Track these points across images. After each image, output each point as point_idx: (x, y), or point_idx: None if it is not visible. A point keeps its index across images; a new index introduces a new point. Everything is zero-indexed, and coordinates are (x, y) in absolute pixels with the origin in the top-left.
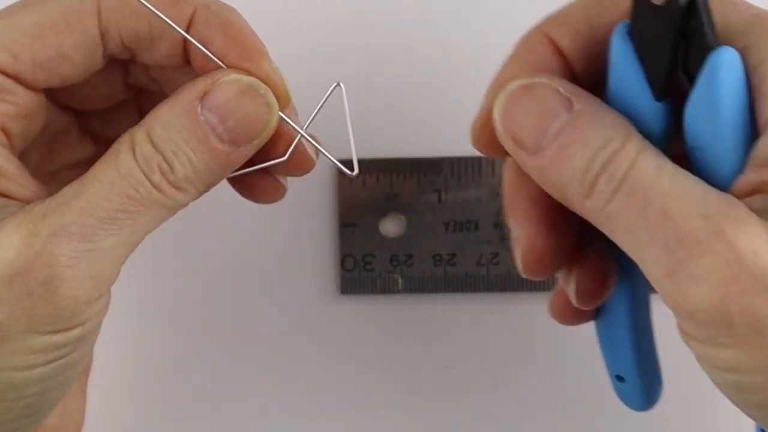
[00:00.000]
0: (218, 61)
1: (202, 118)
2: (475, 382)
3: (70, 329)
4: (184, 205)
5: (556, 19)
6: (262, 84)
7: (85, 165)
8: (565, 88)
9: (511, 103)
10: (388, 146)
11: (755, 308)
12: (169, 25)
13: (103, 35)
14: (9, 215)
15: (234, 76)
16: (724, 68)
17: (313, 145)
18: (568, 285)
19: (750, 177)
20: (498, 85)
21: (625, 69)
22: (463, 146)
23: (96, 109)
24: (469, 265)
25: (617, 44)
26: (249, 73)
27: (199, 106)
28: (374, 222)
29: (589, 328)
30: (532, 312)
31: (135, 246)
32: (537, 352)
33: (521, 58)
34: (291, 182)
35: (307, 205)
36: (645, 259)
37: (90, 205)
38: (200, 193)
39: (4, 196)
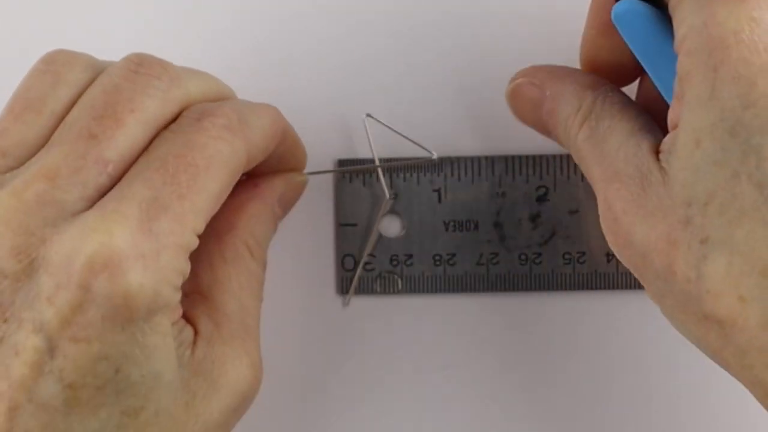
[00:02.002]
0: None
1: (276, 210)
2: (475, 382)
3: None
4: None
5: None
6: (306, 176)
7: None
8: (539, 79)
9: (511, 101)
10: (388, 146)
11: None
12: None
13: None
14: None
15: (301, 178)
16: (620, 19)
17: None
18: None
19: (670, 111)
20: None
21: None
22: (464, 146)
23: None
24: (469, 265)
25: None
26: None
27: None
28: (374, 222)
29: (589, 329)
30: (532, 312)
31: None
32: (537, 352)
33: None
34: None
35: (306, 204)
36: None
37: (256, 305)
38: None
39: None
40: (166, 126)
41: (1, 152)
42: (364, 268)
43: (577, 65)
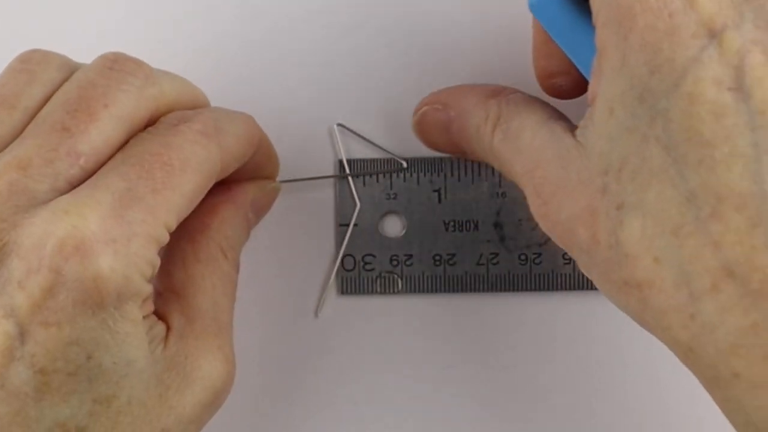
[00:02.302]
0: None
1: (249, 215)
2: (475, 382)
3: None
4: None
5: None
6: (279, 184)
7: None
8: (441, 102)
9: (419, 130)
10: (388, 146)
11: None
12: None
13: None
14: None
15: (274, 185)
16: (535, 7)
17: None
18: None
19: (589, 88)
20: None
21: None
22: None
23: None
24: (469, 265)
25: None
26: (272, 171)
27: (249, 210)
28: (374, 222)
29: (589, 330)
30: (532, 312)
31: None
32: (537, 351)
33: None
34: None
35: (306, 205)
36: None
37: (229, 304)
38: None
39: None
40: (142, 127)
41: None
42: (364, 268)
43: None
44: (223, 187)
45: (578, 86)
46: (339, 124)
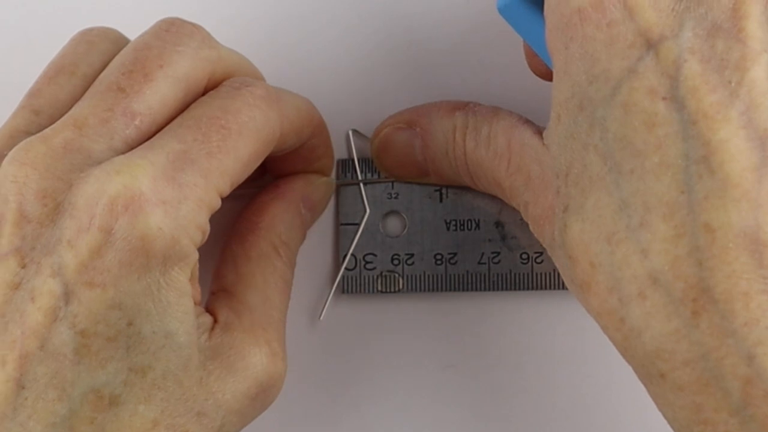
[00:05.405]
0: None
1: (303, 211)
2: (475, 381)
3: None
4: None
5: None
6: (332, 179)
7: None
8: (404, 121)
9: (383, 152)
10: None
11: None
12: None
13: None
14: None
15: (324, 179)
16: (503, 11)
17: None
18: None
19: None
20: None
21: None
22: None
23: None
24: (471, 264)
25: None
26: (326, 164)
27: (301, 206)
28: (375, 221)
29: (589, 329)
30: (533, 311)
31: None
32: (538, 351)
33: None
34: None
35: None
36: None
37: (282, 301)
38: None
39: None
40: (202, 91)
41: (34, 110)
42: (365, 267)
43: None
44: (271, 183)
45: None
46: (354, 130)
